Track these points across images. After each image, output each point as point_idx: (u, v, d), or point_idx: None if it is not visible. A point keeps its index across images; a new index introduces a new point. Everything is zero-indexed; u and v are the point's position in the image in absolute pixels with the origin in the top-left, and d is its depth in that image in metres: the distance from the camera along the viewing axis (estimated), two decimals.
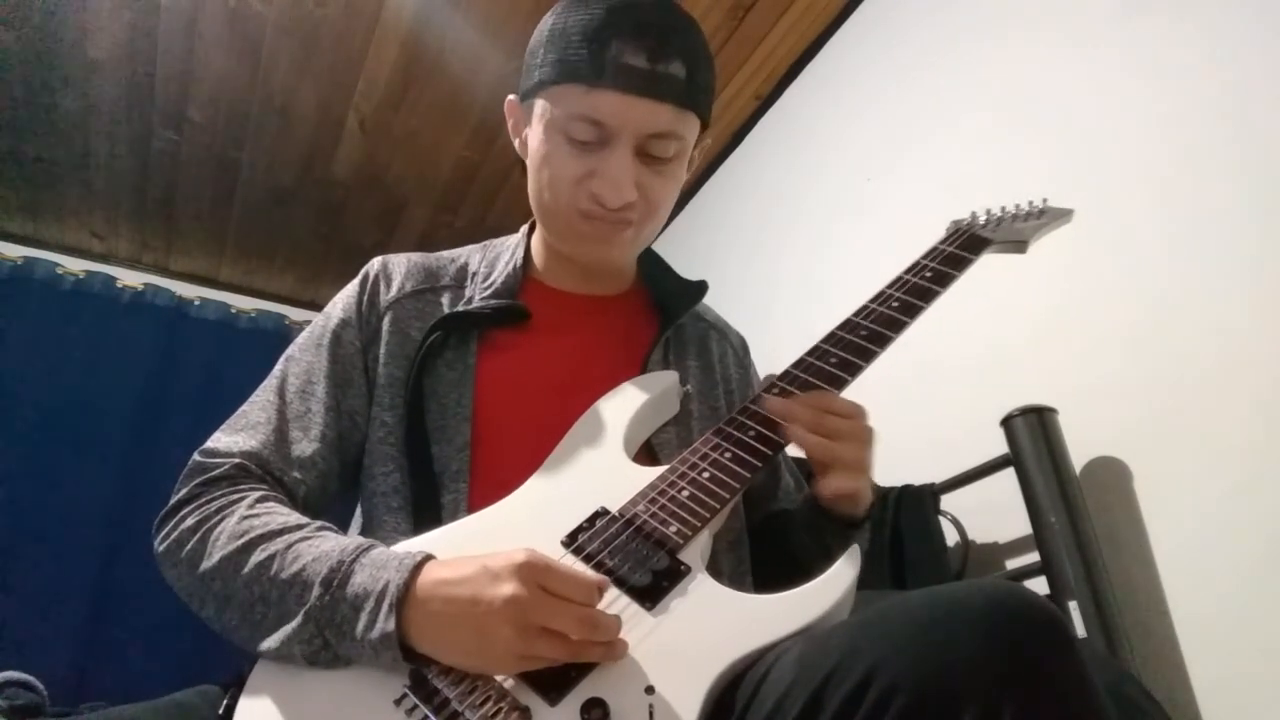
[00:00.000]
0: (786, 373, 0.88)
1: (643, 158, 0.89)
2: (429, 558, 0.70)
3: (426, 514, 0.82)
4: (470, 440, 0.87)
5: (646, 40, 0.85)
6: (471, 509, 0.82)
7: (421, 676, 0.65)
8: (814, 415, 0.81)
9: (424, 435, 0.87)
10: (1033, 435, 1.31)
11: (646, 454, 0.92)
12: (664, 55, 0.85)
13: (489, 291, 0.97)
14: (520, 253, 1.02)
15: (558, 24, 0.90)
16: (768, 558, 0.99)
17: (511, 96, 0.98)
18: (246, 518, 0.77)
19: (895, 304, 0.90)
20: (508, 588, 0.63)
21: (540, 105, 0.91)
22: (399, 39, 2.30)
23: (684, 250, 2.67)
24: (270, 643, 0.70)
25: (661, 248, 1.11)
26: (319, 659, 0.68)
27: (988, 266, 1.01)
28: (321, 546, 0.73)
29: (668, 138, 0.89)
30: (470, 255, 1.05)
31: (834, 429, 0.81)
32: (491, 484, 0.84)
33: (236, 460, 0.83)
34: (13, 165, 2.64)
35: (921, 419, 1.63)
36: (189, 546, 0.77)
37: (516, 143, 0.99)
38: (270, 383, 0.92)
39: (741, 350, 1.13)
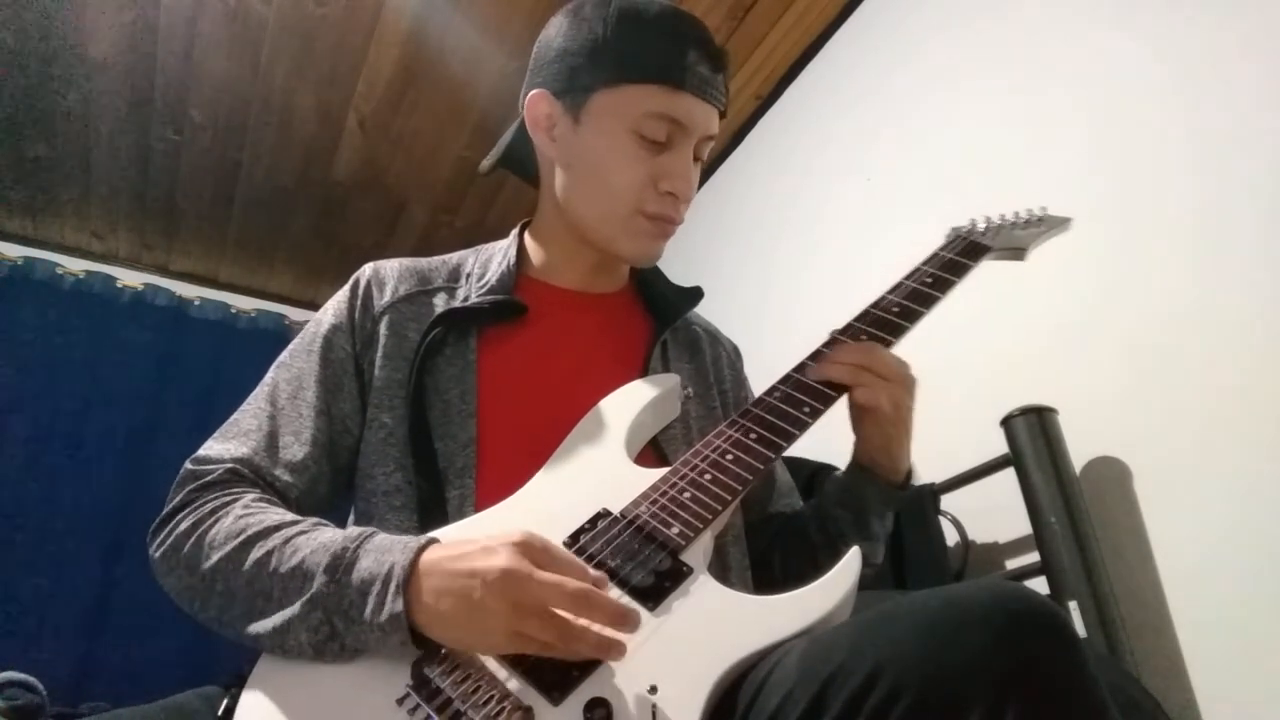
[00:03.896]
0: (787, 376, 0.88)
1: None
2: (433, 540, 0.70)
3: (433, 511, 0.83)
4: (475, 436, 0.87)
5: (709, 50, 0.93)
6: (478, 504, 0.82)
7: (424, 676, 0.65)
8: (861, 362, 0.86)
9: (427, 433, 0.87)
10: (1033, 435, 1.32)
11: (653, 453, 0.92)
12: (722, 66, 0.94)
13: (484, 289, 0.97)
14: (513, 252, 1.02)
15: (626, 23, 0.91)
16: (770, 559, 0.99)
17: (538, 90, 0.96)
18: (242, 517, 0.77)
19: (895, 309, 0.91)
20: (501, 559, 0.63)
21: (603, 102, 0.92)
22: (399, 39, 2.30)
23: (683, 250, 2.67)
24: (265, 625, 0.69)
25: None
26: (326, 649, 0.67)
27: (988, 268, 1.01)
28: (319, 538, 0.73)
29: (712, 140, 0.97)
30: (463, 258, 1.06)
31: (880, 373, 0.86)
32: (497, 479, 0.84)
33: (229, 465, 0.83)
34: (13, 165, 2.64)
35: (921, 419, 1.62)
36: (185, 550, 0.77)
37: (541, 138, 0.98)
38: (261, 390, 0.92)
39: (735, 355, 1.13)
